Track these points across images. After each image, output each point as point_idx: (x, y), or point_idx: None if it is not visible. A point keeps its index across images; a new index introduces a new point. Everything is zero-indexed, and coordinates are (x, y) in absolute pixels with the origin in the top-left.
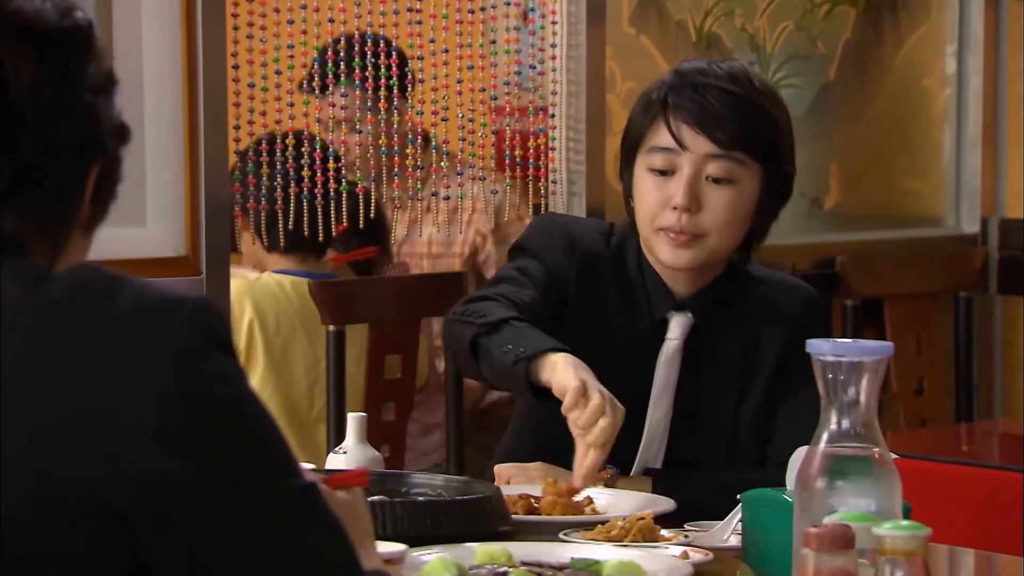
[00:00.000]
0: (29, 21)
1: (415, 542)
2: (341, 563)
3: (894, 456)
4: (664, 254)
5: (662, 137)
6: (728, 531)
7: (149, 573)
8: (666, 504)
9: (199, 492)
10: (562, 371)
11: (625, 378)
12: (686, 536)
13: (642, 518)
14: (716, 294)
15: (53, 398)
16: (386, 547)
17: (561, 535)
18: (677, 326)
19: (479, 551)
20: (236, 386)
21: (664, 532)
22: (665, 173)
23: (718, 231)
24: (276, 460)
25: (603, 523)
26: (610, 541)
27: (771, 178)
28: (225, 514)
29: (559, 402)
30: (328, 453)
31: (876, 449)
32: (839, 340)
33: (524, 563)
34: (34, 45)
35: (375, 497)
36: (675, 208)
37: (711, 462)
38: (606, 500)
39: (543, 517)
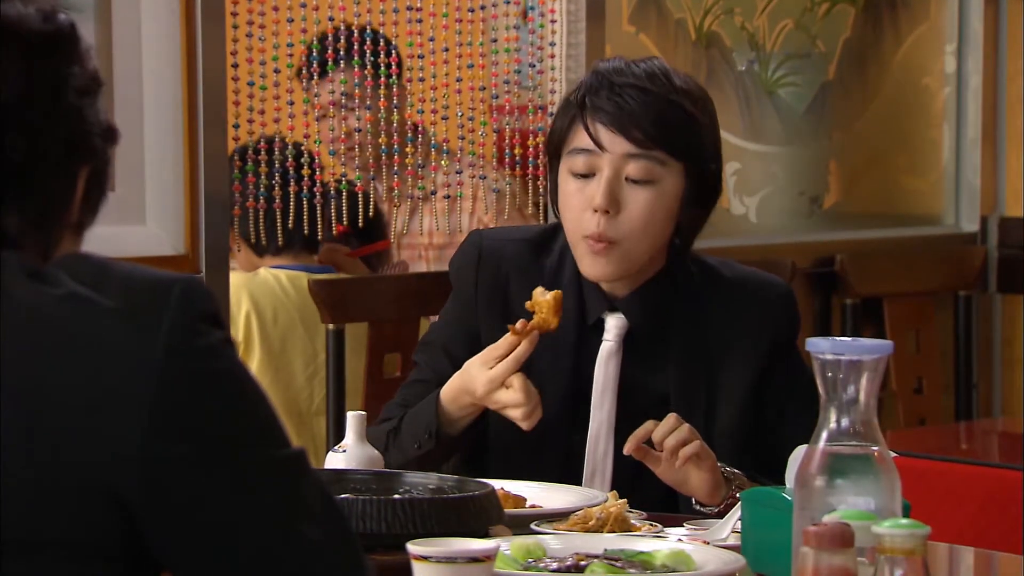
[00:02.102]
0: (13, 26)
1: (409, 540)
2: (329, 523)
3: (893, 454)
4: (585, 266)
5: (581, 139)
6: (727, 529)
7: (149, 556)
8: (598, 497)
9: (196, 471)
10: (457, 400)
11: (561, 380)
12: (653, 525)
13: (633, 510)
14: (656, 294)
15: (51, 386)
16: (480, 544)
17: (533, 526)
18: (614, 327)
19: (513, 545)
20: (227, 359)
21: (634, 521)
22: (586, 176)
23: (635, 234)
24: (266, 431)
25: (576, 512)
26: (587, 531)
27: (694, 176)
28: (221, 491)
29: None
30: (327, 450)
31: (875, 448)
32: (838, 339)
33: (577, 554)
34: (20, 50)
35: (370, 497)
36: (595, 211)
37: None
38: (541, 494)
39: (523, 510)
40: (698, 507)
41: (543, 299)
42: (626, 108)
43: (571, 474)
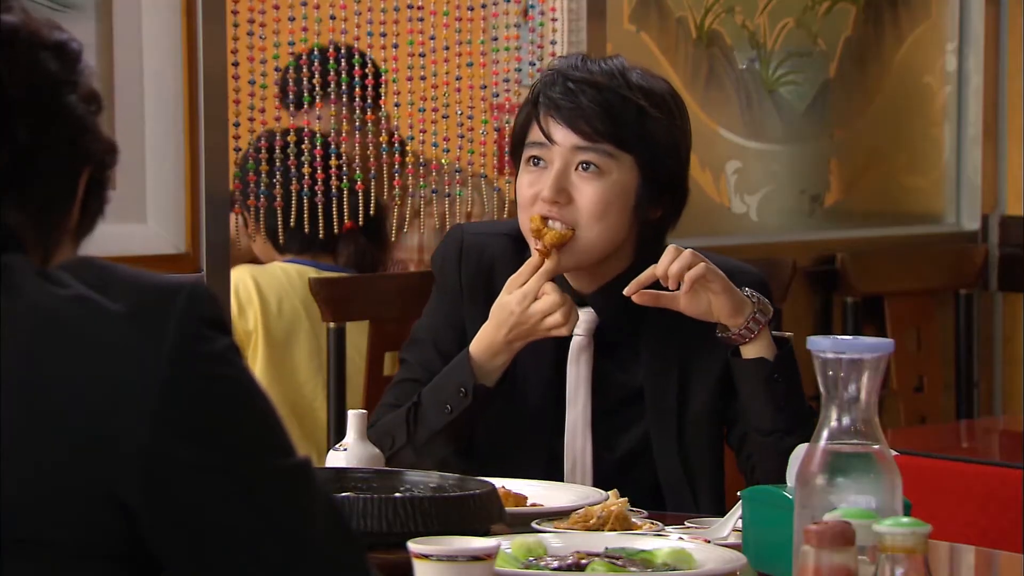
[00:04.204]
0: (22, 28)
1: (411, 539)
2: (335, 533)
3: (894, 453)
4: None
5: (535, 133)
6: (728, 528)
7: (150, 558)
8: (598, 495)
9: (199, 476)
10: (492, 345)
11: (538, 376)
12: (653, 523)
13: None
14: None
15: (55, 387)
16: (480, 542)
17: (534, 524)
18: (584, 321)
19: (514, 544)
20: (232, 366)
21: (635, 520)
22: (539, 163)
23: (588, 223)
24: (271, 439)
25: (576, 511)
26: (588, 530)
27: (648, 170)
28: (224, 497)
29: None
30: (328, 450)
31: (876, 446)
32: (839, 337)
33: (578, 552)
34: (27, 49)
35: (371, 496)
36: (544, 202)
37: (661, 449)
38: (542, 492)
39: (524, 508)
40: (723, 335)
41: (550, 226)
42: (576, 102)
43: (554, 471)
